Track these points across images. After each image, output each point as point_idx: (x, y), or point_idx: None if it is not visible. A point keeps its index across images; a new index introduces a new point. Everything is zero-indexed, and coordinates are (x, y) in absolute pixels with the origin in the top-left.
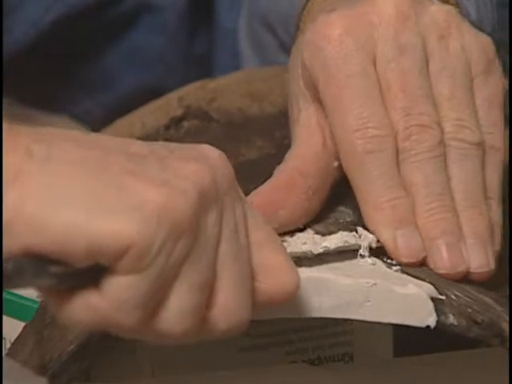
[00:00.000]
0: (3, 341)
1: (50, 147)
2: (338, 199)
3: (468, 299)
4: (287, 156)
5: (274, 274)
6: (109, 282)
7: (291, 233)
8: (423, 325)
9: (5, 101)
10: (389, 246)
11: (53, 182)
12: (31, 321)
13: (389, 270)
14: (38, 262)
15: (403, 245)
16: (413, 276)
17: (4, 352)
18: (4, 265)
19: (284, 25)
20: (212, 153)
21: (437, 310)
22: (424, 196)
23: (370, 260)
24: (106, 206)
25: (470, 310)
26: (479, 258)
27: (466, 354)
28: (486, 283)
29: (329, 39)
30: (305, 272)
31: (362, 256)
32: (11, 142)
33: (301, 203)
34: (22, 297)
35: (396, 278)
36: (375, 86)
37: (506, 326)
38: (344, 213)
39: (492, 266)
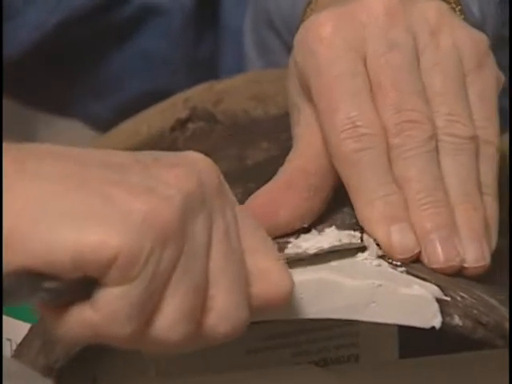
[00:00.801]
0: (10, 342)
1: (33, 163)
2: (343, 200)
3: (473, 300)
4: (289, 157)
5: (267, 277)
6: (100, 294)
7: (296, 234)
8: (428, 326)
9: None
10: (383, 242)
11: (37, 199)
12: (37, 322)
13: (394, 270)
14: (34, 278)
15: (397, 241)
16: (418, 277)
17: (10, 353)
18: (4, 281)
19: (287, 25)
20: (197, 158)
21: (442, 311)
22: (417, 191)
23: (375, 261)
24: (89, 218)
25: (475, 312)
26: (474, 253)
27: (470, 355)
28: (489, 283)
29: (319, 39)
30: (310, 273)
31: (367, 258)
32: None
33: (301, 202)
34: None
35: (401, 279)
36: (365, 85)
37: None
38: (350, 214)
39: (487, 260)
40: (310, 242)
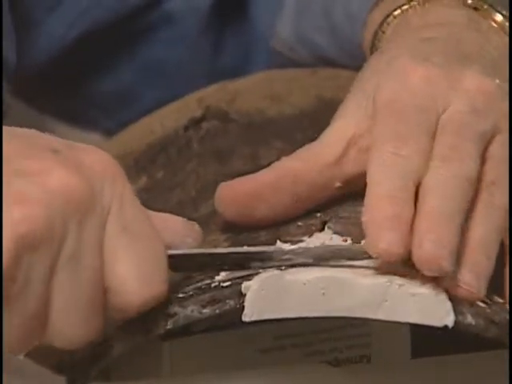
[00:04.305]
0: None
1: None
2: (358, 199)
3: (486, 299)
4: (298, 152)
5: (121, 288)
6: None
7: (310, 233)
8: (441, 324)
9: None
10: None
11: None
12: None
13: (407, 269)
14: None
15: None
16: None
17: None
18: None
19: None
20: (54, 178)
21: (455, 310)
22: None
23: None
24: None
25: (488, 311)
26: (470, 275)
27: (483, 355)
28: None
29: (406, 86)
30: (321, 272)
31: None
32: None
33: (280, 207)
34: None
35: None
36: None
37: None
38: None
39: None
40: (321, 241)
